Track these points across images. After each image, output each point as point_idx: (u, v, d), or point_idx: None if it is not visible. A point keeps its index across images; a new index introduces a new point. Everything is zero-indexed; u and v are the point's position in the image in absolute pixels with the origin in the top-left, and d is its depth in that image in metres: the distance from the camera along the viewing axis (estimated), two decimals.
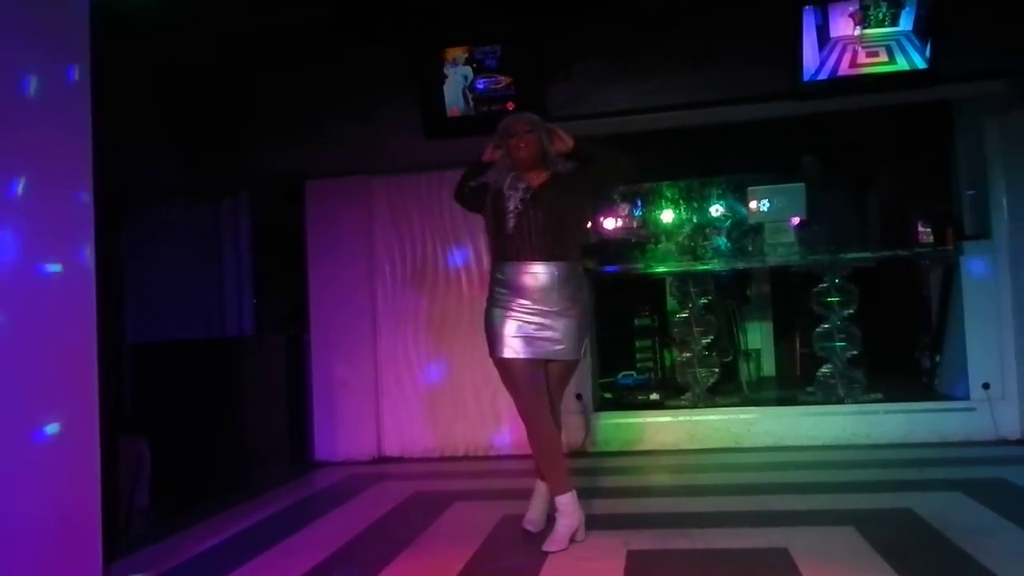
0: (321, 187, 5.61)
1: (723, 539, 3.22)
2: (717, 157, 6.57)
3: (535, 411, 3.24)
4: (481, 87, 5.15)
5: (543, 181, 3.30)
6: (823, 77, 4.86)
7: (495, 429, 5.36)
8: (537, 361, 3.24)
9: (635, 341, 6.42)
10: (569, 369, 3.42)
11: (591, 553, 3.13)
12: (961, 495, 3.70)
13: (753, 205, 5.53)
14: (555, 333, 3.23)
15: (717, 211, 6.56)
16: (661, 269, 5.78)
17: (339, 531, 3.69)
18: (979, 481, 3.95)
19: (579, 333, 3.32)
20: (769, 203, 5.50)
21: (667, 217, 6.68)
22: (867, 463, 4.55)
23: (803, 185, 5.55)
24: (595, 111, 5.12)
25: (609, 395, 5.93)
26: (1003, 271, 5.01)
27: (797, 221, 5.57)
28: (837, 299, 5.43)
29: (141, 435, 4.34)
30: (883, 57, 4.81)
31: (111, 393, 3.93)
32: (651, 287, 6.48)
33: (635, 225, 6.70)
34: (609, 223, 6.90)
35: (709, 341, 5.69)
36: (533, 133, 3.28)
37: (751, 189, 5.60)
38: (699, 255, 5.83)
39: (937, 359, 5.64)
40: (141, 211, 5.61)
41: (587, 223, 3.48)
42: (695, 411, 5.39)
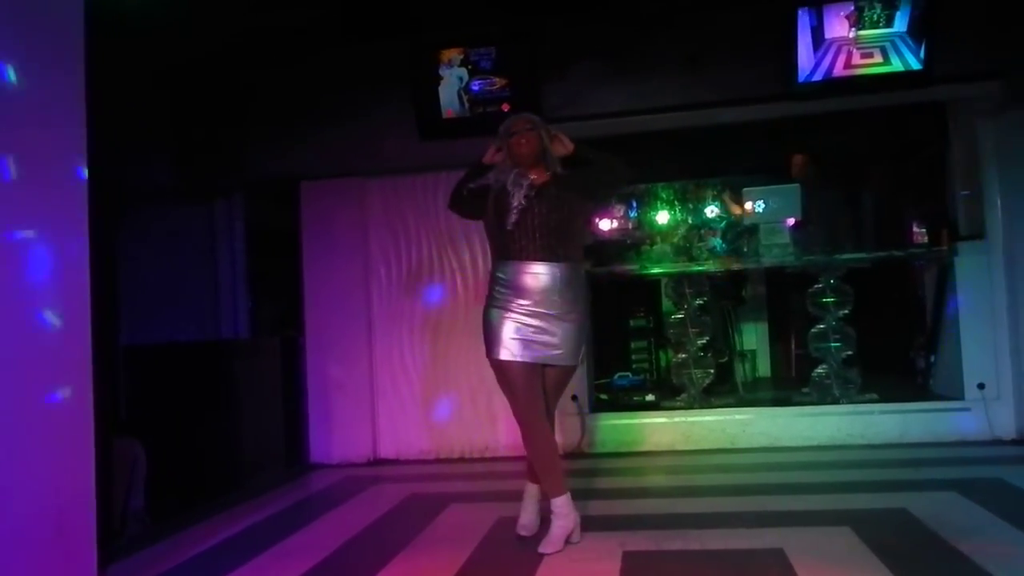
0: (316, 188, 5.61)
1: (719, 540, 3.23)
2: (712, 158, 6.57)
3: (531, 414, 3.23)
4: (476, 88, 5.15)
5: (546, 180, 3.29)
6: (818, 78, 4.88)
7: (491, 431, 5.36)
8: (534, 364, 3.22)
9: (631, 342, 6.43)
10: (566, 375, 3.39)
11: (587, 555, 3.13)
12: (956, 495, 3.71)
13: (748, 206, 5.54)
14: (553, 338, 3.20)
15: (712, 212, 6.56)
16: (657, 270, 5.79)
17: (335, 533, 3.69)
18: (974, 481, 3.96)
19: (578, 338, 3.29)
20: (764, 204, 5.50)
21: (662, 218, 6.68)
22: (862, 463, 4.56)
23: (798, 186, 5.56)
24: (590, 112, 5.13)
25: (605, 396, 5.92)
26: (997, 271, 5.02)
27: (792, 222, 5.58)
28: (832, 300, 5.45)
29: (136, 437, 4.32)
30: (877, 58, 4.82)
31: (106, 395, 3.91)
32: (647, 288, 6.49)
33: (631, 226, 6.69)
34: (605, 224, 6.90)
35: (705, 342, 5.70)
36: (534, 131, 3.29)
37: (746, 190, 5.61)
38: (694, 256, 5.83)
39: (932, 359, 5.66)
40: (136, 212, 5.60)
41: (588, 226, 3.47)
42: (691, 412, 5.40)
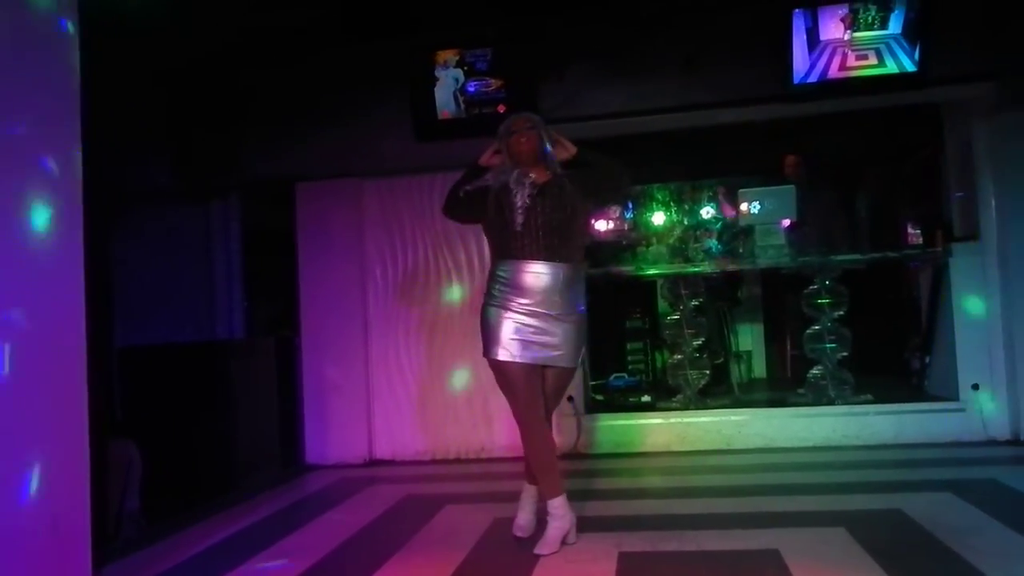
0: (312, 189, 5.60)
1: (714, 541, 3.23)
2: (708, 159, 6.58)
3: (530, 414, 3.22)
4: (472, 90, 5.15)
5: (547, 179, 3.27)
6: (813, 80, 4.88)
7: (486, 432, 5.35)
8: (534, 365, 3.21)
9: (626, 343, 6.44)
10: (566, 376, 3.37)
11: (583, 555, 3.13)
12: (951, 495, 3.71)
13: (744, 207, 5.54)
14: (553, 338, 3.19)
15: (708, 213, 6.57)
16: (652, 271, 5.79)
17: (330, 535, 3.69)
18: (969, 481, 3.97)
19: (577, 340, 3.28)
20: (760, 205, 5.50)
21: (658, 219, 6.69)
22: (857, 464, 4.57)
23: (794, 187, 5.57)
24: (586, 114, 5.13)
25: (600, 397, 5.93)
26: (992, 273, 5.03)
27: (788, 223, 5.59)
28: (827, 301, 5.46)
29: (131, 438, 4.32)
30: (872, 60, 4.83)
31: (101, 396, 3.90)
32: (642, 289, 6.49)
33: (626, 227, 6.70)
34: (601, 225, 6.91)
35: (700, 343, 5.70)
36: (534, 130, 3.28)
37: (742, 191, 5.61)
38: (690, 257, 5.84)
39: (927, 360, 5.67)
40: (131, 213, 5.59)
41: (588, 228, 3.45)
42: (686, 413, 5.40)
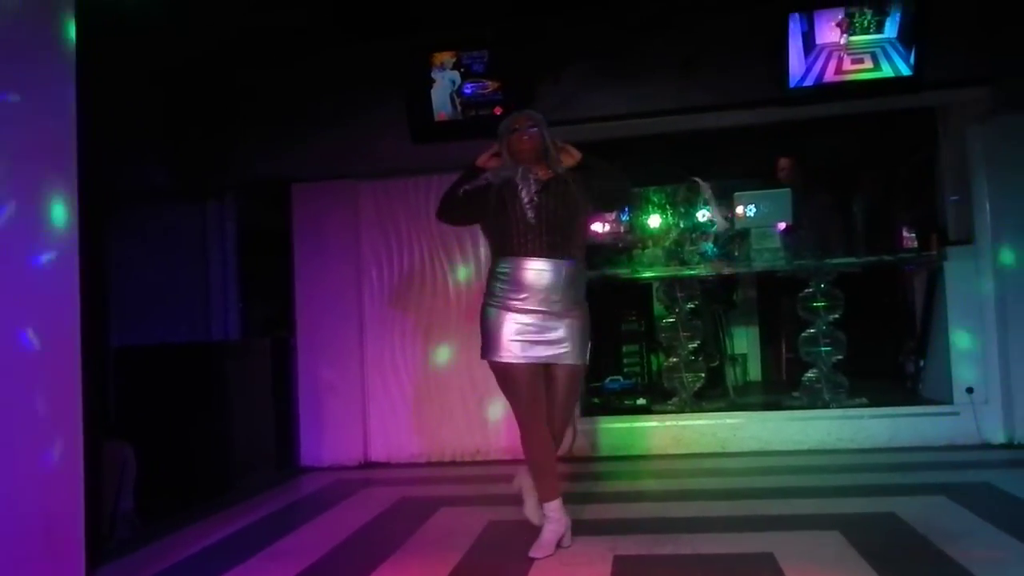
0: (308, 190, 5.60)
1: (709, 544, 3.23)
2: (704, 162, 6.59)
3: (532, 415, 3.20)
4: (469, 92, 5.15)
5: (550, 177, 3.25)
6: (809, 83, 4.89)
7: (482, 434, 5.35)
8: (536, 366, 3.19)
9: (622, 346, 6.43)
10: (575, 374, 3.31)
11: (577, 559, 3.13)
12: (945, 499, 3.72)
13: (740, 210, 5.55)
14: (557, 336, 3.16)
15: (704, 216, 6.58)
16: (648, 274, 5.80)
17: (324, 537, 3.68)
18: (963, 485, 3.98)
19: (583, 336, 3.25)
20: (755, 208, 5.51)
21: (654, 222, 6.70)
22: (852, 467, 4.58)
23: (789, 191, 5.58)
24: (583, 116, 5.14)
25: (596, 400, 5.92)
26: (986, 276, 5.04)
27: (783, 226, 5.60)
28: (822, 304, 5.46)
29: (125, 439, 4.30)
30: (868, 64, 4.84)
31: (95, 396, 3.89)
32: (638, 292, 6.49)
33: (622, 230, 6.70)
34: (597, 228, 6.90)
35: (696, 346, 5.71)
36: (536, 129, 3.26)
37: (737, 194, 5.62)
38: (686, 260, 5.84)
39: (921, 364, 5.68)
40: (126, 213, 5.57)
41: (588, 228, 3.43)
42: (681, 416, 5.41)
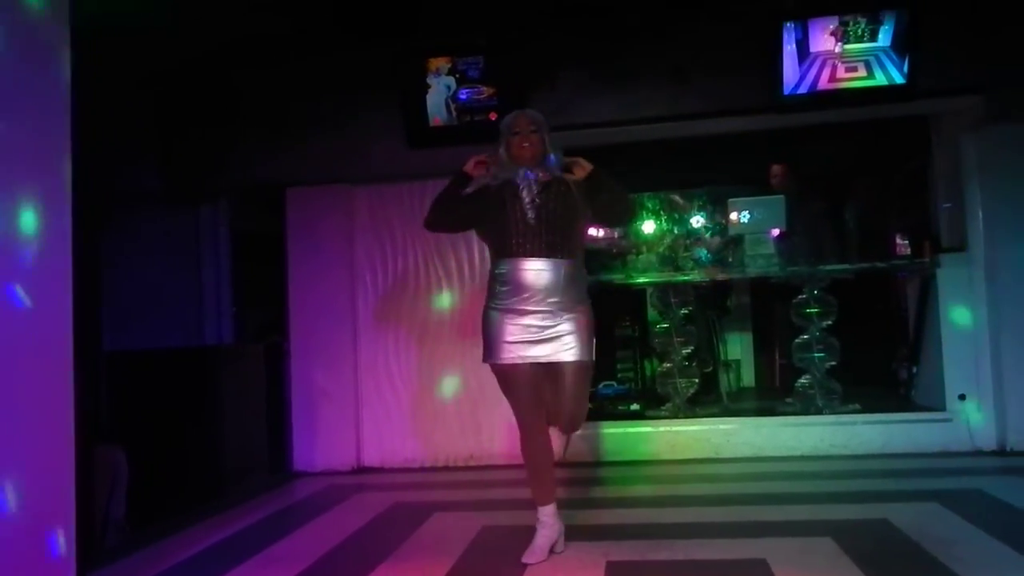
0: (302, 195, 5.59)
1: (702, 550, 3.23)
2: (698, 169, 6.60)
3: (532, 419, 3.19)
4: (464, 97, 5.16)
5: (550, 178, 3.21)
6: (803, 91, 4.91)
7: (475, 439, 5.34)
8: (538, 367, 3.16)
9: (616, 351, 6.43)
10: (583, 373, 3.24)
11: (570, 564, 3.13)
12: (937, 505, 3.73)
13: (733, 216, 5.56)
14: (560, 333, 3.13)
15: (698, 222, 6.60)
16: (642, 279, 5.81)
17: (318, 542, 3.67)
18: (955, 492, 3.98)
19: (587, 333, 3.19)
20: (749, 215, 5.53)
21: (648, 228, 6.72)
22: (845, 474, 4.58)
23: (783, 197, 5.59)
24: (578, 122, 5.14)
25: (590, 405, 5.90)
26: (979, 283, 5.06)
27: (777, 233, 5.61)
28: (816, 310, 5.48)
29: (118, 444, 4.29)
30: (862, 72, 4.87)
31: (87, 401, 3.88)
32: (632, 298, 6.50)
33: (616, 236, 6.71)
34: (591, 233, 6.91)
35: (689, 352, 5.72)
36: (537, 133, 3.21)
37: (731, 201, 5.64)
38: (680, 266, 5.85)
39: (914, 370, 5.69)
40: (119, 217, 5.57)
41: (586, 231, 3.41)
42: (675, 422, 5.41)
